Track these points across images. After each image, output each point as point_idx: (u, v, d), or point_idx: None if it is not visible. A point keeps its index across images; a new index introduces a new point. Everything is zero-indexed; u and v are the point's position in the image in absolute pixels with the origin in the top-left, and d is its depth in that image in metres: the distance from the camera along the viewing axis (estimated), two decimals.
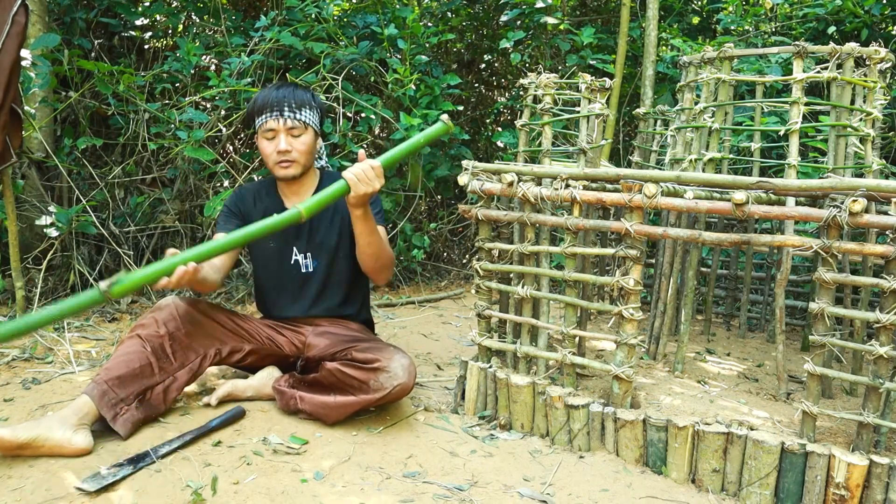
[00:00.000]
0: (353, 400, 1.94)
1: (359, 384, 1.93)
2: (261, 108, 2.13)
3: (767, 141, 3.29)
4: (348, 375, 1.94)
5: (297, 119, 2.11)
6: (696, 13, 5.33)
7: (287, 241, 2.23)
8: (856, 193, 1.59)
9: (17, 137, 2.64)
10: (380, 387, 1.91)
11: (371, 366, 1.93)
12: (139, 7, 4.00)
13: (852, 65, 2.24)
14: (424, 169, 4.02)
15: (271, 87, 2.19)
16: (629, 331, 1.90)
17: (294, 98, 2.13)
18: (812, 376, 1.72)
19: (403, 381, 1.92)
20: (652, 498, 1.70)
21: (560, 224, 1.97)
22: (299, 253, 2.23)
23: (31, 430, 1.66)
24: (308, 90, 2.22)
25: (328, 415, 1.97)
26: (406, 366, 1.95)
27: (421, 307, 3.80)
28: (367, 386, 1.92)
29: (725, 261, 3.23)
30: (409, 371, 1.95)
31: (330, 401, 1.96)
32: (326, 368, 1.97)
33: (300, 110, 2.13)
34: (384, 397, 1.92)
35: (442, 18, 5.15)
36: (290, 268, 2.23)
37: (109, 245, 3.32)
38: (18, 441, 1.63)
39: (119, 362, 1.86)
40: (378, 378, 1.92)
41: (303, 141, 2.13)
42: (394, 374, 1.92)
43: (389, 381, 1.91)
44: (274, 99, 2.11)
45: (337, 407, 1.95)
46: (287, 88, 2.16)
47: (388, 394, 1.91)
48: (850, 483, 1.60)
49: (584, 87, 2.36)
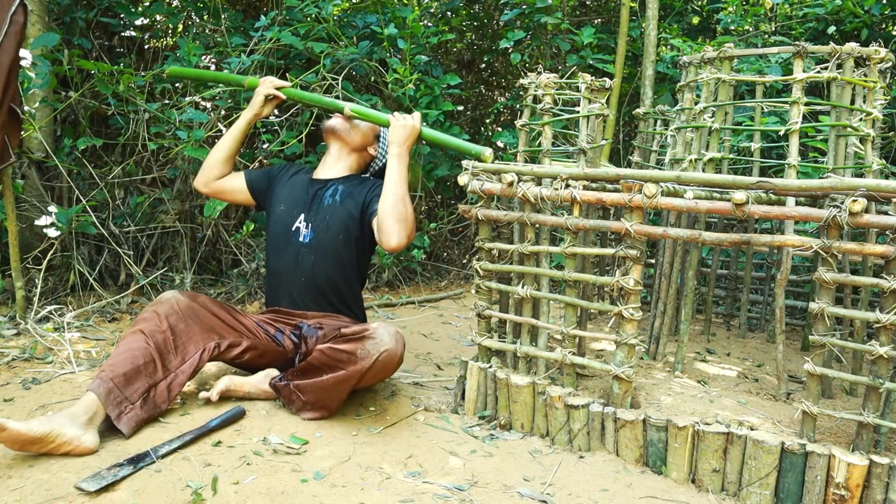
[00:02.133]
0: (344, 374, 1.92)
1: (347, 357, 1.92)
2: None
3: (767, 141, 3.29)
4: (337, 350, 1.94)
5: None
6: (696, 13, 5.33)
7: (296, 205, 2.32)
8: (856, 193, 1.59)
9: (16, 137, 2.64)
10: (366, 354, 1.89)
11: (357, 335, 1.93)
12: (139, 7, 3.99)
13: (852, 65, 2.24)
14: (424, 169, 4.02)
15: None
16: (629, 331, 1.90)
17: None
18: (812, 376, 1.72)
19: (390, 346, 1.90)
20: (652, 498, 1.70)
21: (560, 224, 1.97)
22: (303, 220, 2.29)
23: (45, 425, 1.66)
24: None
25: (329, 398, 1.97)
26: (392, 333, 1.94)
27: (421, 307, 3.80)
28: (355, 356, 1.91)
29: (725, 261, 3.23)
30: (395, 338, 1.93)
31: (325, 381, 1.95)
32: (317, 349, 1.98)
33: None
34: (373, 365, 1.90)
35: (442, 18, 5.15)
36: (291, 234, 2.30)
37: (109, 245, 3.32)
38: (33, 435, 1.63)
39: (124, 358, 1.87)
40: (365, 346, 1.90)
41: (357, 131, 2.40)
42: (380, 341, 1.90)
43: (376, 348, 1.90)
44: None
45: (333, 385, 1.94)
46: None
47: (375, 360, 1.89)
48: (850, 483, 1.60)
49: (584, 87, 2.36)
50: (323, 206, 2.29)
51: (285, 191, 2.38)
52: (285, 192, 2.37)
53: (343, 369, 1.94)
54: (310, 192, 2.34)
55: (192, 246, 3.57)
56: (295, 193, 2.35)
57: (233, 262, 3.71)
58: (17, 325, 2.73)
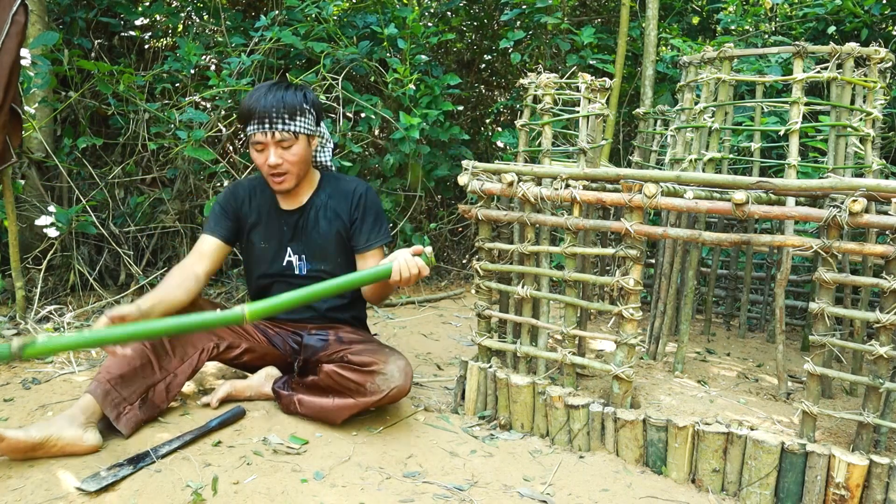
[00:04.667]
0: (351, 402, 1.94)
1: (356, 387, 1.93)
2: (247, 116, 2.00)
3: (767, 141, 3.29)
4: (345, 378, 1.94)
5: (286, 131, 1.98)
6: (696, 13, 5.33)
7: (282, 241, 2.18)
8: (856, 193, 1.59)
9: (17, 137, 2.64)
10: (376, 389, 1.91)
11: (367, 368, 1.93)
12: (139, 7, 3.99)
13: (852, 65, 2.24)
14: (424, 169, 4.02)
15: (259, 89, 2.02)
16: (629, 331, 1.90)
17: (284, 106, 1.98)
18: (812, 376, 1.72)
19: (400, 383, 1.92)
20: (652, 498, 1.70)
21: (560, 224, 1.97)
22: (294, 254, 2.19)
23: (44, 430, 1.66)
24: (300, 90, 2.06)
25: (327, 418, 1.98)
26: (402, 367, 1.95)
27: (421, 307, 3.79)
28: (364, 388, 1.92)
29: (725, 261, 3.23)
30: (405, 373, 1.95)
31: (328, 403, 1.96)
32: (324, 371, 1.97)
33: (291, 120, 1.99)
34: (381, 400, 1.93)
35: (442, 18, 5.15)
36: (283, 269, 2.19)
37: (109, 245, 3.32)
38: (33, 441, 1.63)
39: (120, 360, 1.86)
40: (375, 380, 1.92)
41: (294, 152, 2.02)
42: (390, 377, 1.92)
43: (386, 384, 1.91)
44: (262, 109, 1.97)
45: (335, 409, 1.96)
46: (275, 94, 1.99)
47: (384, 396, 1.92)
48: (850, 483, 1.60)
49: (584, 87, 2.36)
50: (310, 235, 2.17)
51: (260, 226, 2.18)
52: (260, 227, 2.18)
53: (350, 398, 1.95)
54: (289, 224, 2.17)
55: (191, 246, 3.56)
56: (271, 229, 2.18)
57: (232, 262, 3.71)
58: (17, 325, 2.73)
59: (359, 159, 3.88)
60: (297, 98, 2.02)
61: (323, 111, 2.21)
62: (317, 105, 2.11)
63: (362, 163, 3.94)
